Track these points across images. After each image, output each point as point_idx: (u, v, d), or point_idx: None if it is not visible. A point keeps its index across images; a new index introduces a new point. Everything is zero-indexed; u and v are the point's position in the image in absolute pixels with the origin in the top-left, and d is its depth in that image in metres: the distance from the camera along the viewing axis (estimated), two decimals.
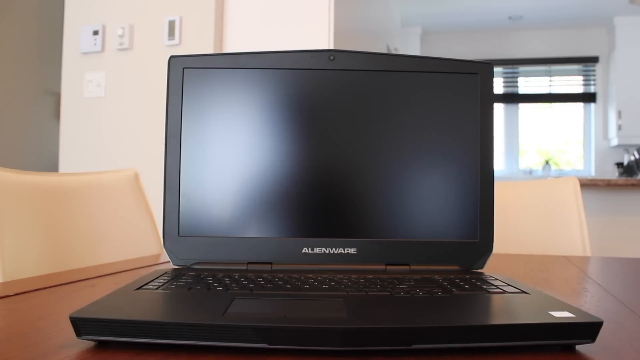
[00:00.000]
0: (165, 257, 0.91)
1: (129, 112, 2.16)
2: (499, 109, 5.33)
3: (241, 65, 0.61)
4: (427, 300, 0.44)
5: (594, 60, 5.12)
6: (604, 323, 0.38)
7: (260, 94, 0.61)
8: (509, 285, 0.51)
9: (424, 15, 4.92)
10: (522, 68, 5.31)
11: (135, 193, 1.11)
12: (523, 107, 5.35)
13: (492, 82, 0.62)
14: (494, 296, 0.46)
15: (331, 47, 1.69)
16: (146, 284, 0.48)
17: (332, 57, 0.62)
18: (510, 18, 4.97)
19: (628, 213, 2.91)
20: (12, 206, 0.83)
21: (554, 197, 1.28)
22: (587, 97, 5.16)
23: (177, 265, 0.60)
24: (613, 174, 4.79)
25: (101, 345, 0.37)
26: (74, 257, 0.93)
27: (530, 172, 5.27)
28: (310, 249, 0.60)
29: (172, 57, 0.61)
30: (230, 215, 0.60)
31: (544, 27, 5.16)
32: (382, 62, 0.62)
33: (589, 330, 0.38)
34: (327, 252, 0.60)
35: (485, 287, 0.49)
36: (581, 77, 5.19)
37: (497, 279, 0.53)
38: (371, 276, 0.54)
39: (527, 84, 5.33)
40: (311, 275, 0.54)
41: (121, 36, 2.17)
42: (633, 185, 2.81)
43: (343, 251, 0.60)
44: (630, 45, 4.64)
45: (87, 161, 2.21)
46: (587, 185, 2.87)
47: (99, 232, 1.01)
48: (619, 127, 4.62)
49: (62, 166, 2.25)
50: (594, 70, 5.15)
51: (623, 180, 2.85)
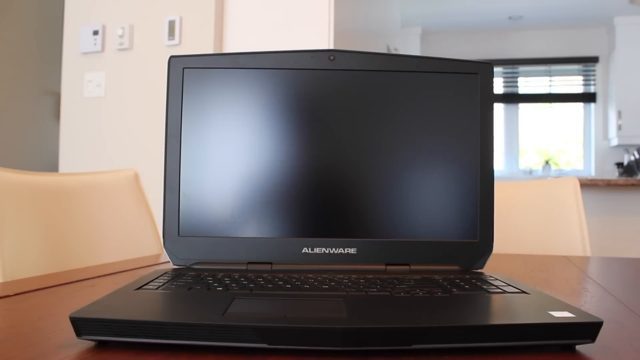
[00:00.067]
0: (165, 257, 0.91)
1: (129, 112, 2.16)
2: (499, 109, 5.33)
3: (241, 65, 0.61)
4: (427, 300, 0.44)
5: (594, 60, 5.12)
6: (604, 323, 0.38)
7: (260, 94, 0.61)
8: (509, 285, 0.51)
9: (424, 15, 4.92)
10: (522, 68, 5.32)
11: (135, 193, 1.11)
12: (523, 107, 5.35)
13: (492, 82, 0.62)
14: (494, 296, 0.46)
15: (331, 47, 1.69)
16: (146, 284, 0.48)
17: (332, 57, 0.62)
18: (510, 18, 4.97)
19: (628, 213, 2.91)
20: (12, 206, 0.83)
21: (554, 197, 1.28)
22: (587, 97, 5.17)
23: (177, 265, 0.60)
24: (613, 174, 4.79)
25: (101, 345, 0.37)
26: (74, 257, 0.93)
27: (530, 172, 5.27)
28: (310, 249, 0.60)
29: (172, 57, 0.61)
30: (230, 215, 0.60)
31: (544, 27, 5.16)
32: (382, 62, 0.62)
33: (589, 330, 0.38)
34: (327, 252, 0.60)
35: (485, 287, 0.49)
36: (581, 77, 5.19)
37: (497, 279, 0.53)
38: (371, 276, 0.54)
39: (527, 84, 5.33)
40: (311, 275, 0.54)
41: (121, 36, 2.17)
42: (633, 185, 2.81)
43: (343, 251, 0.60)
44: (630, 45, 4.64)
45: (87, 161, 2.21)
46: (587, 185, 2.87)
47: (99, 232, 1.01)
48: (619, 127, 4.62)
49: (62, 166, 2.25)
50: (594, 70, 5.15)
51: (623, 180, 2.85)
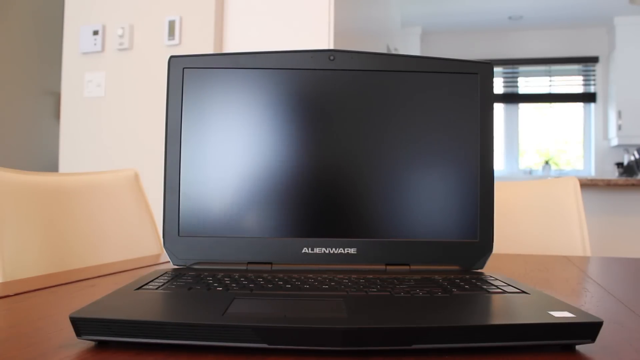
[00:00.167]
0: (165, 257, 0.91)
1: (129, 112, 2.16)
2: (499, 109, 5.32)
3: (241, 65, 0.61)
4: (427, 300, 0.44)
5: (594, 60, 5.12)
6: (604, 323, 0.38)
7: (260, 94, 0.61)
8: (509, 285, 0.51)
9: (424, 15, 4.92)
10: (522, 68, 5.32)
11: (135, 193, 1.11)
12: (523, 107, 5.35)
13: (492, 82, 0.62)
14: (494, 296, 0.46)
15: (331, 47, 1.69)
16: (146, 284, 0.48)
17: (332, 57, 0.62)
18: (510, 18, 4.97)
19: (628, 213, 2.91)
20: (12, 206, 0.83)
21: (554, 197, 1.28)
22: (587, 97, 5.16)
23: (177, 265, 0.60)
24: (613, 174, 4.79)
25: (101, 345, 0.37)
26: (74, 257, 0.93)
27: (530, 172, 5.27)
28: (310, 249, 0.60)
29: (172, 57, 0.61)
30: (230, 215, 0.60)
31: (544, 27, 5.16)
32: (382, 62, 0.62)
33: (589, 330, 0.38)
34: (327, 252, 0.60)
35: (485, 287, 0.49)
36: (581, 77, 5.19)
37: (497, 279, 0.53)
38: (371, 276, 0.54)
39: (527, 84, 5.33)
40: (311, 275, 0.54)
41: (121, 36, 2.17)
42: (633, 185, 2.81)
43: (343, 251, 0.60)
44: (630, 45, 4.64)
45: (87, 161, 2.21)
46: (587, 185, 2.87)
47: (99, 232, 1.01)
48: (619, 127, 4.62)
49: (62, 166, 2.25)
50: (594, 70, 5.15)
51: (623, 180, 2.85)
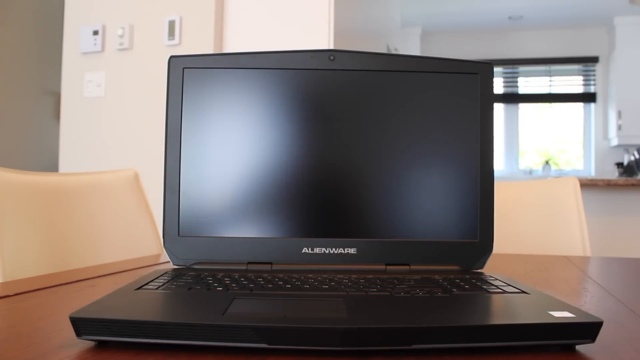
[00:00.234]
0: (165, 257, 0.91)
1: (129, 112, 2.16)
2: (499, 109, 5.32)
3: (241, 65, 0.61)
4: (427, 300, 0.44)
5: (594, 60, 5.12)
6: (604, 323, 0.38)
7: (260, 94, 0.61)
8: (509, 285, 0.51)
9: (424, 15, 4.92)
10: (522, 68, 5.32)
11: (135, 193, 1.11)
12: (523, 107, 5.35)
13: (492, 82, 0.62)
14: (494, 296, 0.46)
15: (331, 47, 1.69)
16: (146, 284, 0.48)
17: (332, 57, 0.62)
18: (510, 18, 4.97)
19: (628, 213, 2.91)
20: (12, 206, 0.83)
21: (554, 197, 1.28)
22: (587, 97, 5.16)
23: (177, 265, 0.60)
24: (613, 174, 4.79)
25: (101, 345, 0.37)
26: (74, 257, 0.93)
27: (530, 172, 5.27)
28: (310, 249, 0.60)
29: (172, 57, 0.61)
30: (231, 215, 0.60)
31: (544, 27, 5.16)
32: (382, 62, 0.62)
33: (589, 330, 0.38)
34: (327, 252, 0.60)
35: (485, 287, 0.49)
36: (581, 77, 5.19)
37: (497, 279, 0.53)
38: (371, 276, 0.54)
39: (527, 84, 5.33)
40: (311, 275, 0.54)
41: (121, 36, 2.17)
42: (633, 185, 2.81)
43: (343, 251, 0.60)
44: (630, 45, 4.64)
45: (87, 161, 2.21)
46: (587, 185, 2.87)
47: (99, 232, 1.01)
48: (619, 127, 4.62)
49: (62, 166, 2.25)
50: (594, 70, 5.14)
51: (623, 180, 2.85)
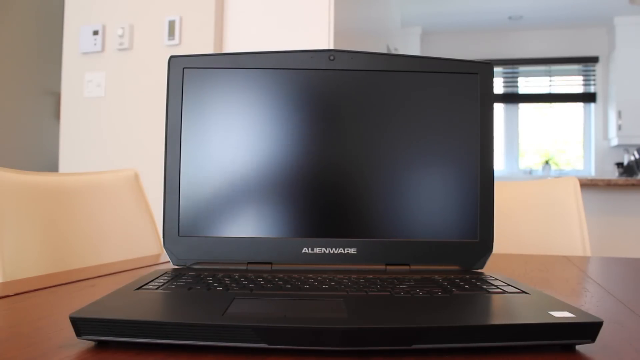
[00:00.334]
0: (165, 257, 0.91)
1: (129, 112, 2.16)
2: (499, 109, 5.32)
3: (241, 65, 0.61)
4: (427, 300, 0.44)
5: (594, 60, 5.12)
6: (604, 323, 0.38)
7: (260, 94, 0.61)
8: (509, 285, 0.51)
9: (424, 15, 4.92)
10: (522, 68, 5.31)
11: (135, 193, 1.11)
12: (523, 107, 5.35)
13: (492, 82, 0.62)
14: (494, 296, 0.46)
15: (331, 47, 1.69)
16: (146, 284, 0.48)
17: (332, 57, 0.62)
18: (510, 18, 4.97)
19: (628, 213, 2.91)
20: (12, 206, 0.83)
21: (554, 197, 1.28)
22: (587, 97, 5.16)
23: (177, 265, 0.60)
24: (613, 174, 4.79)
25: (101, 345, 0.37)
26: (74, 257, 0.93)
27: (530, 172, 5.27)
28: (310, 249, 0.60)
29: (172, 57, 0.61)
30: (231, 215, 0.60)
31: (544, 27, 5.16)
32: (382, 62, 0.62)
33: (589, 330, 0.38)
34: (327, 252, 0.60)
35: (485, 287, 0.49)
36: (581, 77, 5.19)
37: (497, 279, 0.53)
38: (371, 276, 0.54)
39: (527, 84, 5.33)
40: (311, 275, 0.54)
41: (121, 36, 2.17)
42: (633, 185, 2.81)
43: (343, 251, 0.60)
44: (630, 45, 4.64)
45: (87, 161, 2.21)
46: (587, 185, 2.87)
47: (99, 232, 1.01)
48: (619, 127, 4.62)
49: (62, 166, 2.25)
50: (594, 70, 5.14)
51: (623, 180, 2.85)
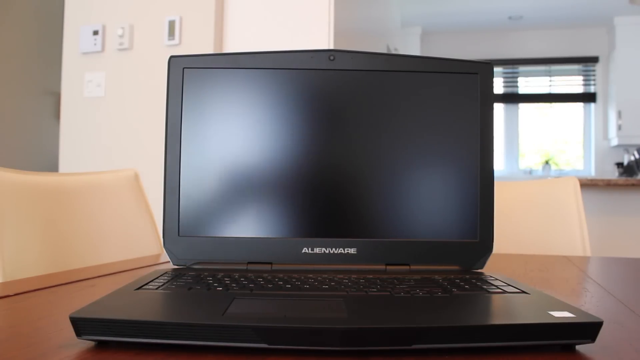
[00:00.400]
0: (165, 257, 0.91)
1: (129, 112, 2.16)
2: (499, 109, 5.32)
3: (241, 65, 0.61)
4: (427, 300, 0.44)
5: (594, 60, 5.12)
6: (604, 323, 0.38)
7: (260, 94, 0.61)
8: (509, 285, 0.51)
9: (424, 15, 4.92)
10: (522, 68, 5.31)
11: (135, 193, 1.11)
12: (523, 107, 5.35)
13: (492, 82, 0.62)
14: (494, 296, 0.46)
15: (331, 47, 1.69)
16: (146, 284, 0.48)
17: (332, 57, 0.62)
18: (510, 18, 4.97)
19: (628, 213, 2.91)
20: (12, 206, 0.83)
21: (554, 197, 1.28)
22: (587, 97, 5.16)
23: (177, 265, 0.60)
24: (613, 174, 4.79)
25: (101, 345, 0.37)
26: (74, 257, 0.93)
27: (530, 172, 5.27)
28: (310, 249, 0.60)
29: (172, 57, 0.61)
30: (231, 215, 0.60)
31: (544, 27, 5.16)
32: (382, 62, 0.62)
33: (589, 330, 0.38)
34: (327, 252, 0.60)
35: (485, 287, 0.49)
36: (581, 77, 5.19)
37: (497, 279, 0.53)
38: (371, 276, 0.54)
39: (527, 84, 5.33)
40: (311, 275, 0.54)
41: (121, 36, 2.17)
42: (633, 185, 2.81)
43: (343, 251, 0.60)
44: (630, 45, 4.64)
45: (87, 161, 2.21)
46: (587, 185, 2.87)
47: (99, 232, 1.01)
48: (619, 127, 4.62)
49: (62, 166, 2.25)
50: (594, 70, 5.14)
51: (623, 180, 2.85)
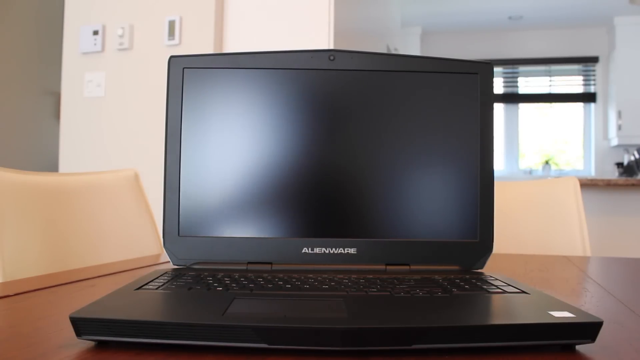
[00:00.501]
0: (165, 257, 0.91)
1: (129, 112, 2.16)
2: (499, 109, 5.32)
3: (241, 65, 0.61)
4: (427, 300, 0.44)
5: (594, 60, 5.12)
6: (604, 323, 0.38)
7: (260, 94, 0.61)
8: (509, 285, 0.51)
9: (424, 15, 4.92)
10: (522, 68, 5.31)
11: (135, 193, 1.11)
12: (523, 107, 5.35)
13: (492, 82, 0.62)
14: (494, 296, 0.46)
15: (331, 47, 1.69)
16: (146, 284, 0.48)
17: (332, 57, 0.62)
18: (510, 18, 4.97)
19: (628, 213, 2.91)
20: (12, 206, 0.83)
21: (554, 197, 1.28)
22: (587, 97, 5.16)
23: (177, 265, 0.60)
24: (613, 174, 4.79)
25: (101, 345, 0.37)
26: (74, 257, 0.93)
27: (530, 172, 5.27)
28: (310, 249, 0.60)
29: (172, 57, 0.61)
30: (231, 215, 0.60)
31: (544, 27, 5.16)
32: (382, 62, 0.62)
33: (589, 330, 0.38)
34: (327, 252, 0.60)
35: (485, 287, 0.49)
36: (581, 77, 5.19)
37: (497, 279, 0.53)
38: (371, 276, 0.54)
39: (527, 84, 5.33)
40: (311, 275, 0.54)
41: (121, 36, 2.16)
42: (633, 185, 2.81)
43: (343, 251, 0.60)
44: (630, 45, 4.64)
45: (87, 161, 2.21)
46: (587, 185, 2.87)
47: (99, 232, 1.01)
48: (619, 127, 4.62)
49: (62, 166, 2.25)
50: (594, 70, 5.14)
51: (623, 180, 2.85)
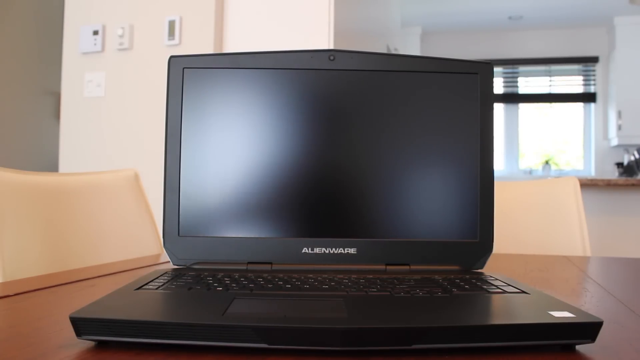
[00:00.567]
0: (165, 257, 0.91)
1: (129, 112, 2.16)
2: (499, 109, 5.32)
3: (241, 65, 0.61)
4: (427, 300, 0.44)
5: (594, 60, 5.12)
6: (604, 323, 0.38)
7: (260, 94, 0.61)
8: (509, 285, 0.51)
9: (424, 15, 4.92)
10: (522, 68, 5.31)
11: (135, 193, 1.11)
12: (523, 107, 5.35)
13: (492, 82, 0.62)
14: (494, 296, 0.46)
15: (331, 47, 1.69)
16: (146, 284, 0.48)
17: (332, 57, 0.62)
18: (510, 18, 4.97)
19: (628, 213, 2.91)
20: (12, 206, 0.83)
21: (554, 197, 1.28)
22: (587, 97, 5.16)
23: (177, 265, 0.60)
24: (613, 174, 4.79)
25: (101, 345, 0.37)
26: (74, 257, 0.93)
27: (530, 172, 5.27)
28: (310, 249, 0.60)
29: (172, 57, 0.61)
30: (231, 215, 0.60)
31: (544, 27, 5.16)
32: (382, 62, 0.62)
33: (589, 330, 0.38)
34: (327, 252, 0.60)
35: (485, 287, 0.49)
36: (581, 77, 5.19)
37: (497, 279, 0.53)
38: (371, 276, 0.54)
39: (527, 84, 5.33)
40: (311, 275, 0.54)
41: (121, 36, 2.17)
42: (633, 185, 2.81)
43: (343, 251, 0.60)
44: (630, 45, 4.64)
45: (87, 161, 2.21)
46: (587, 185, 2.87)
47: (99, 232, 1.01)
48: (619, 127, 4.62)
49: (62, 166, 2.25)
50: (594, 70, 5.14)
51: (623, 180, 2.85)
